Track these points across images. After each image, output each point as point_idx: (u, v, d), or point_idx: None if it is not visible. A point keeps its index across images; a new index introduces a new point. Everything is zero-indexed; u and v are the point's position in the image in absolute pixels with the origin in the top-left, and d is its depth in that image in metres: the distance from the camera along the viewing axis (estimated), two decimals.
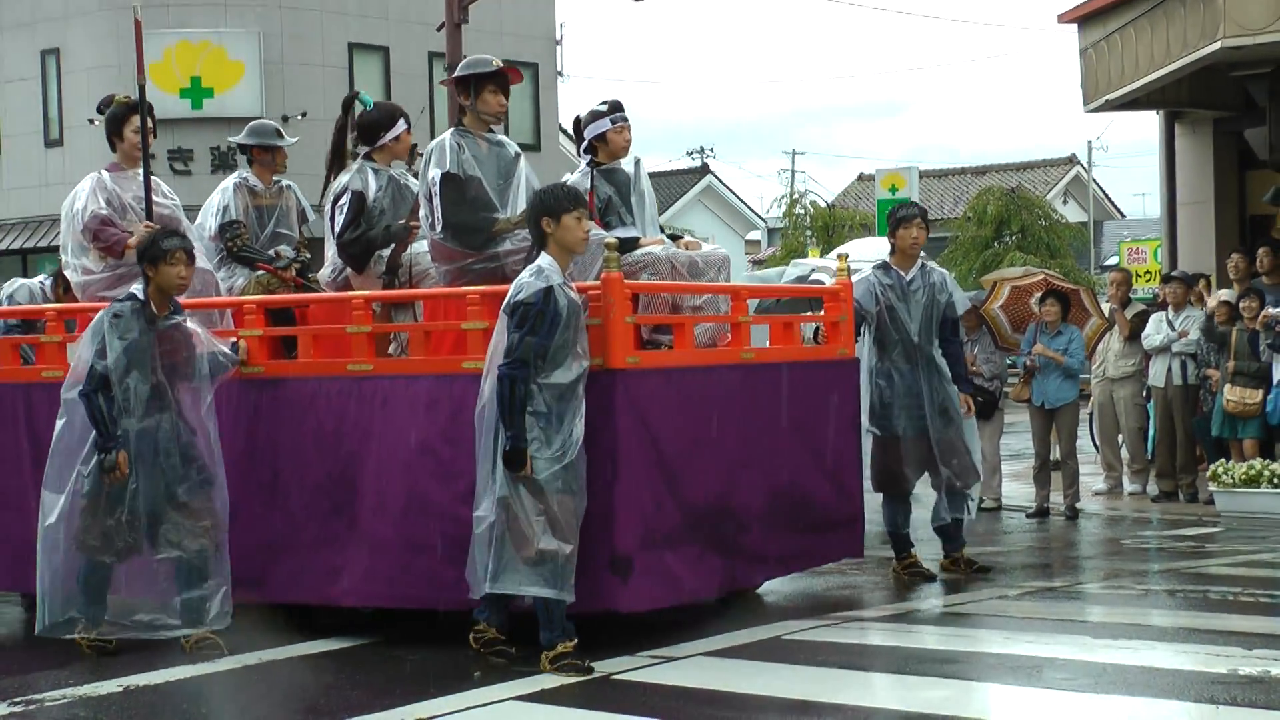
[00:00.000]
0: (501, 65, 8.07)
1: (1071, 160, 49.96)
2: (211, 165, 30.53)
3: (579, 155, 8.47)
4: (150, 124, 8.84)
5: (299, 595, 7.80)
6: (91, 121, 31.11)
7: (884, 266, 9.40)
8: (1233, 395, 12.69)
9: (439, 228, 7.78)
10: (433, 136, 31.33)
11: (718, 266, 8.21)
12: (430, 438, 7.44)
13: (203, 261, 8.46)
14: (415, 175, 9.23)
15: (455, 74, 8.11)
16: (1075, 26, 21.17)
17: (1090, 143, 50.06)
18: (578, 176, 8.27)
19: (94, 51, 30.86)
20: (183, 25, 30.28)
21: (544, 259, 6.98)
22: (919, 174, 27.03)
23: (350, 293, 8.10)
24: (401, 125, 8.55)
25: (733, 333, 8.23)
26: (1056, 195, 47.63)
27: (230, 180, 9.09)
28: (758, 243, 51.38)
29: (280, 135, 9.26)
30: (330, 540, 7.67)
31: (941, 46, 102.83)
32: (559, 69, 35.10)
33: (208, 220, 9.00)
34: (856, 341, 9.03)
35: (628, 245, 7.81)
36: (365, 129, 8.55)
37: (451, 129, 8.09)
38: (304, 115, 30.69)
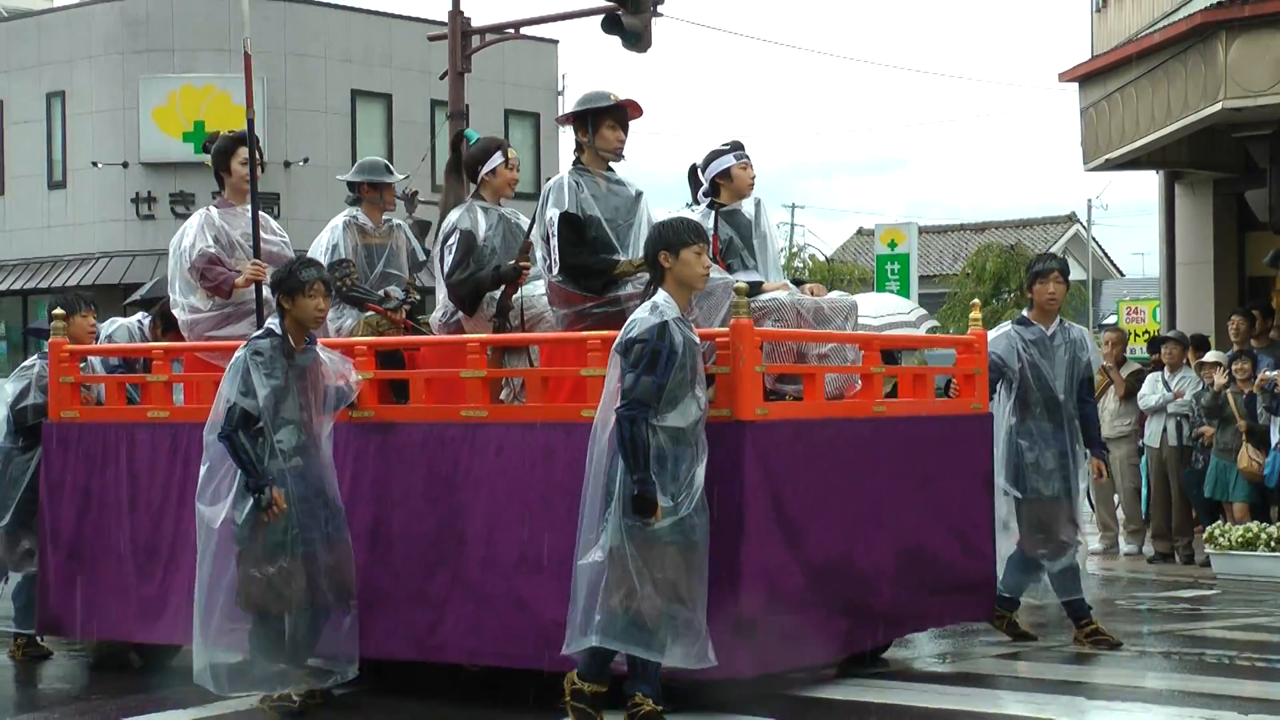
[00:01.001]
0: (620, 99, 7.67)
1: (1071, 218, 49.89)
2: None
3: (696, 201, 8.14)
4: (259, 156, 8.57)
5: (398, 650, 7.41)
6: (95, 164, 31.32)
7: (1023, 322, 8.91)
8: (1246, 457, 12.63)
9: (556, 270, 7.46)
10: (433, 184, 31.68)
11: (845, 314, 7.81)
12: (546, 489, 7.09)
13: None
14: (416, 223, 9.16)
15: (573, 110, 7.74)
16: (1076, 85, 21.21)
17: (1090, 201, 49.86)
18: (697, 219, 7.81)
19: (99, 95, 30.98)
20: (187, 70, 30.41)
21: (660, 295, 6.61)
22: (918, 230, 27.05)
23: (464, 336, 7.75)
24: (497, 158, 8.10)
25: (864, 385, 7.80)
26: (1056, 253, 47.75)
27: (340, 218, 8.76)
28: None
29: (389, 171, 8.95)
30: (435, 593, 7.31)
31: (942, 103, 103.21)
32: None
33: (318, 259, 8.59)
34: (991, 399, 8.59)
35: (750, 290, 7.35)
36: (467, 167, 8.24)
37: (570, 168, 7.76)
38: (306, 161, 30.75)
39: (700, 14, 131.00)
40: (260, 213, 8.42)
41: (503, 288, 7.88)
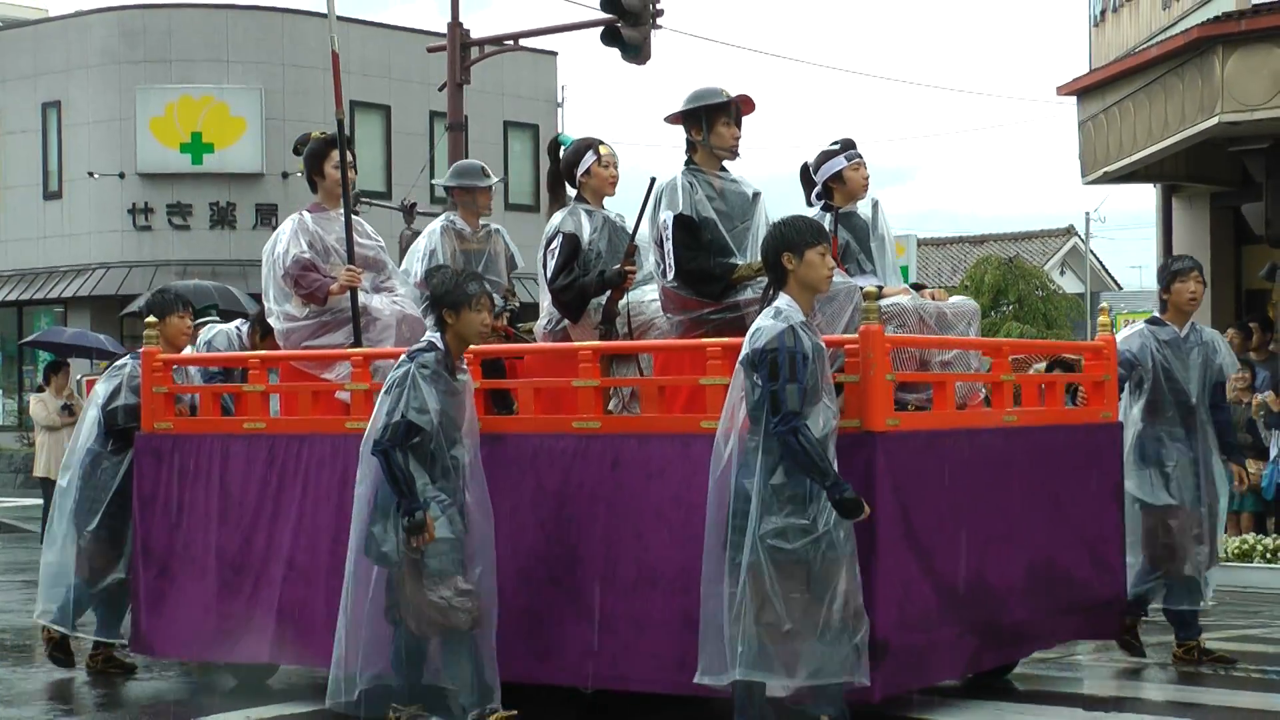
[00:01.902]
0: (734, 95, 7.35)
1: (1069, 231, 49.91)
2: (210, 221, 30.64)
3: (810, 203, 7.81)
4: (351, 159, 8.26)
5: (506, 672, 6.91)
6: (91, 175, 31.37)
7: (1156, 322, 8.50)
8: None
9: (672, 275, 7.12)
10: (431, 196, 31.73)
11: (968, 319, 7.53)
12: (664, 503, 6.74)
13: (412, 308, 7.93)
14: (415, 235, 9.03)
15: (684, 107, 7.36)
16: (1074, 99, 21.32)
17: (1088, 214, 49.92)
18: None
19: (96, 105, 30.99)
20: (185, 80, 30.43)
21: (782, 299, 6.24)
22: (917, 242, 27.12)
23: (576, 344, 7.40)
24: (589, 157, 7.78)
25: (994, 393, 7.51)
26: (1054, 266, 47.62)
27: (438, 223, 8.46)
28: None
29: (484, 175, 8.58)
30: (545, 611, 6.99)
31: (941, 116, 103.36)
32: (560, 131, 35.33)
33: (413, 265, 8.40)
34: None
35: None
36: (564, 172, 7.93)
37: (682, 168, 7.38)
38: (304, 173, 30.81)
39: (699, 26, 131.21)
40: (355, 216, 8.15)
41: (608, 293, 7.57)
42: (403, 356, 6.73)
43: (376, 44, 32.19)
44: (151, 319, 8.24)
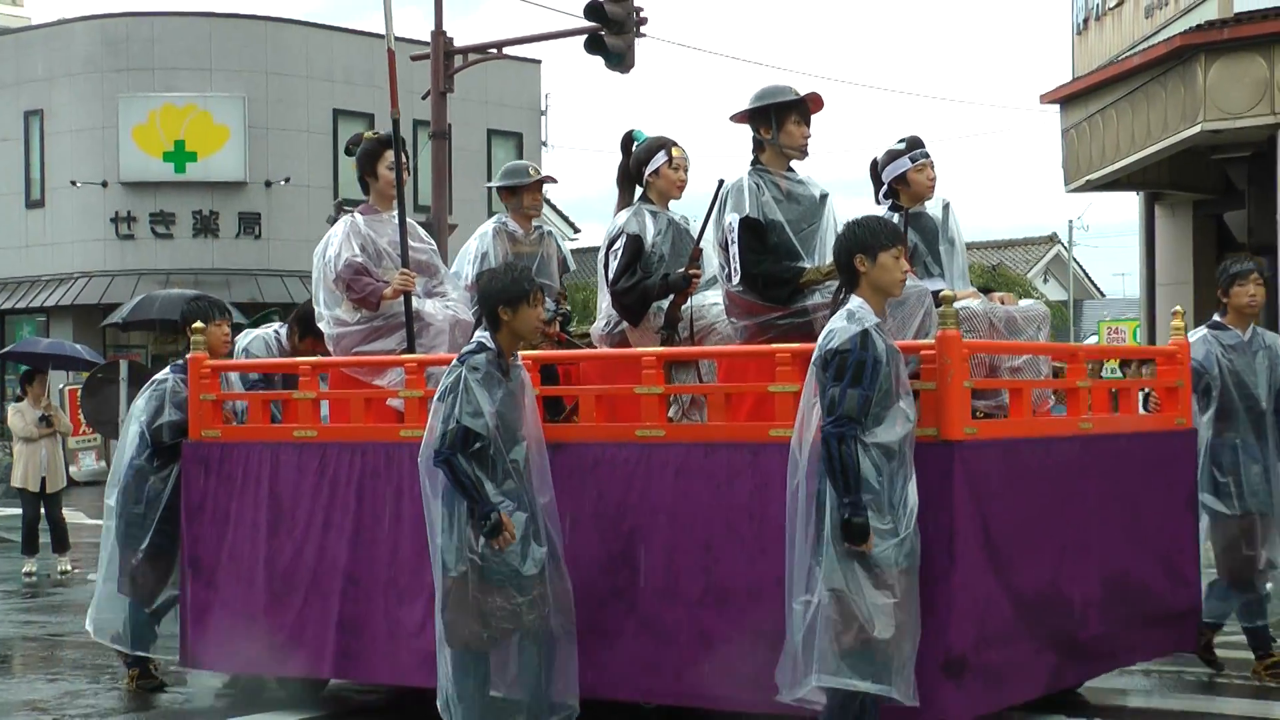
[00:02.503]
0: (804, 93, 7.11)
1: (1052, 239, 49.95)
2: (193, 230, 30.55)
3: (878, 200, 7.58)
4: (405, 160, 8.00)
5: None
6: (74, 183, 31.28)
7: (1218, 326, 8.25)
8: None
9: (738, 279, 6.90)
10: (415, 205, 31.63)
11: (1037, 324, 7.32)
12: (731, 514, 6.49)
13: (464, 314, 7.71)
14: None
15: (752, 105, 7.13)
16: (1057, 107, 21.37)
17: (1071, 222, 49.98)
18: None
19: (78, 113, 30.87)
20: (168, 89, 30.33)
21: (854, 301, 6.04)
22: None
23: (639, 349, 7.16)
24: (660, 157, 7.53)
25: (1069, 399, 7.25)
26: (1037, 274, 47.68)
27: (489, 225, 8.22)
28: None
29: (527, 173, 8.32)
30: (606, 624, 6.73)
31: (924, 124, 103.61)
32: (543, 139, 35.29)
33: (464, 268, 8.15)
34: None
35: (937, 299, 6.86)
36: (633, 168, 7.66)
37: (749, 169, 7.15)
38: (288, 180, 30.74)
39: (683, 35, 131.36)
40: (409, 219, 7.92)
41: (671, 297, 7.34)
42: (453, 360, 6.51)
43: (359, 51, 32.09)
44: (199, 325, 8.02)
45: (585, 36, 19.46)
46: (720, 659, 6.49)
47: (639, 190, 7.65)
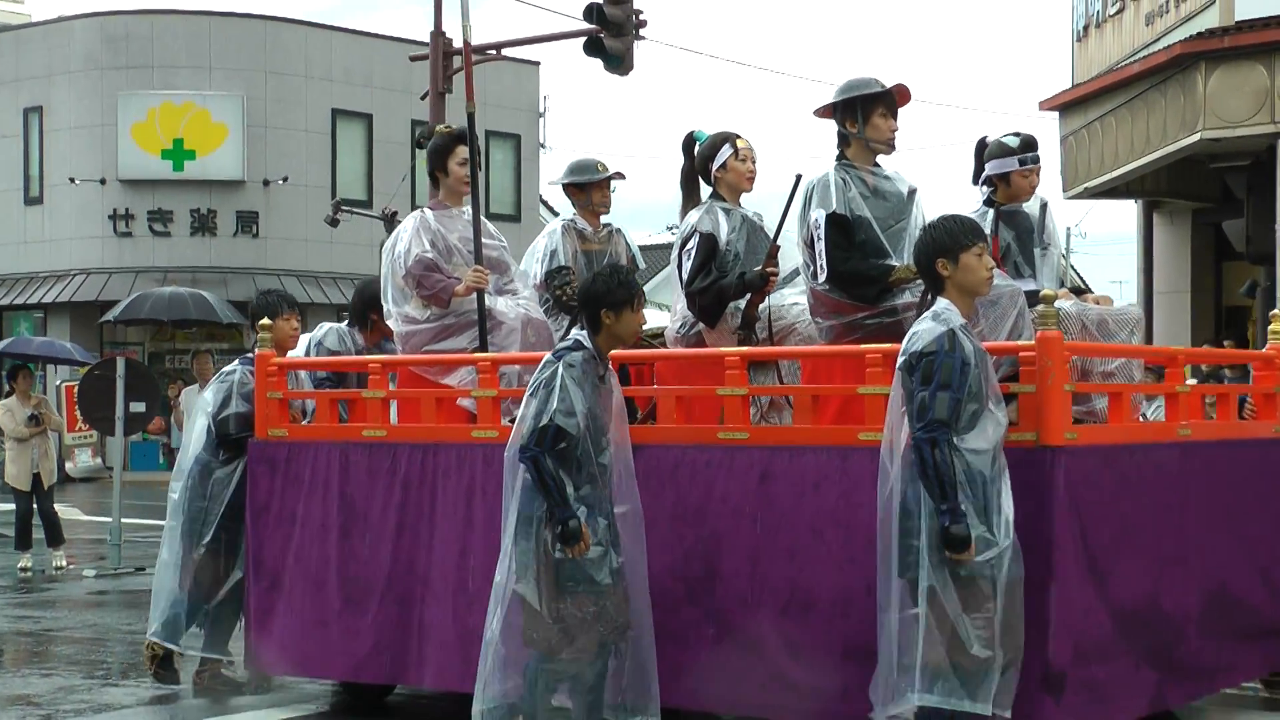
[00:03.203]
0: (890, 85, 6.90)
1: None
2: (191, 228, 30.51)
3: (976, 185, 7.37)
4: (478, 155, 7.79)
5: None
6: (73, 180, 31.23)
7: None
8: None
9: (824, 277, 6.66)
10: (412, 204, 31.57)
11: (1130, 327, 7.09)
12: (818, 520, 6.23)
13: (537, 311, 7.53)
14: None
15: (837, 97, 6.88)
16: (1056, 114, 21.37)
17: (1069, 229, 50.18)
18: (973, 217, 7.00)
19: (77, 110, 30.79)
20: (167, 87, 30.26)
21: (940, 303, 5.81)
22: None
23: (721, 349, 6.89)
24: (725, 151, 7.31)
25: (1168, 405, 7.00)
26: None
27: (558, 223, 8.01)
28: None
29: (595, 170, 8.05)
30: (683, 632, 6.48)
31: (924, 130, 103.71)
32: (541, 140, 35.26)
33: (533, 266, 7.93)
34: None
35: (1029, 300, 6.65)
36: (699, 167, 7.45)
37: (834, 163, 6.90)
38: (285, 180, 30.71)
39: (683, 38, 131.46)
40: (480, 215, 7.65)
41: (748, 296, 7.08)
42: (548, 356, 6.27)
43: (358, 52, 32.04)
44: (265, 322, 7.79)
45: (584, 39, 19.44)
46: (807, 671, 6.21)
47: (705, 191, 7.45)
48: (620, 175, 8.07)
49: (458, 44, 22.46)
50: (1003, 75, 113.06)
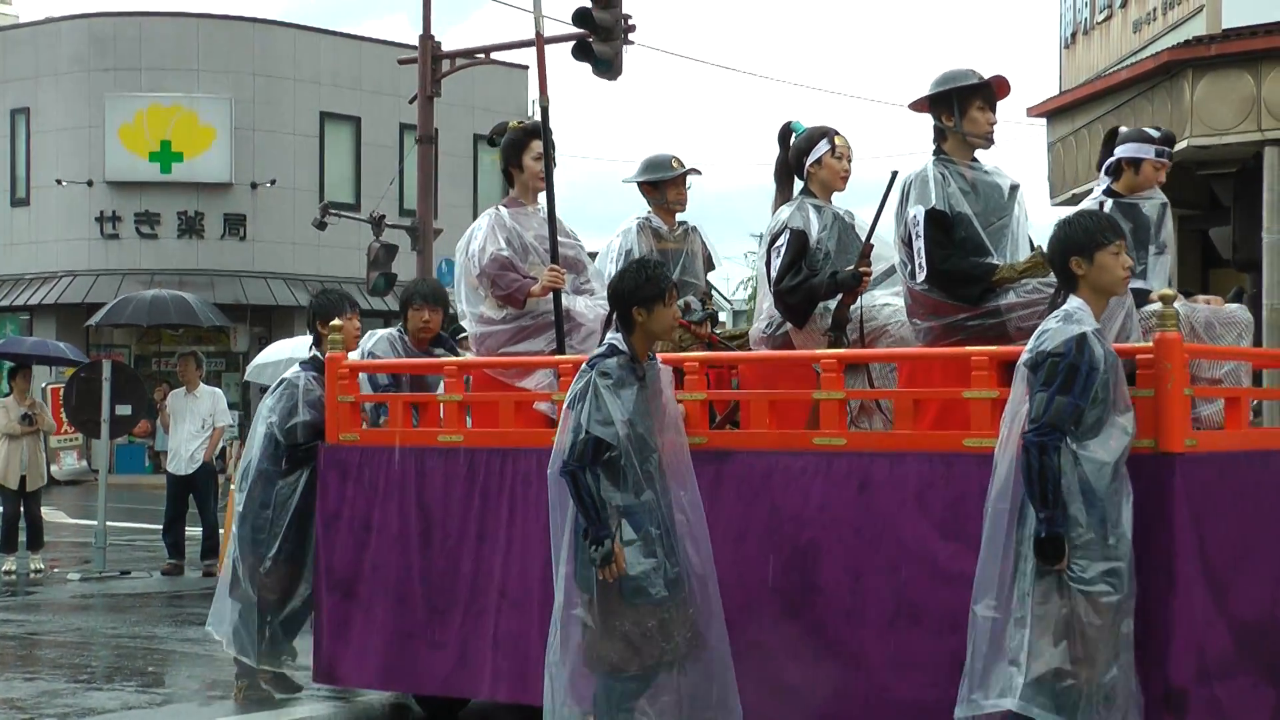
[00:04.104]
0: (988, 76, 6.62)
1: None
2: (178, 230, 30.47)
3: (1098, 168, 7.18)
4: (553, 150, 7.50)
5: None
6: (59, 182, 31.16)
7: None
8: None
9: (923, 276, 6.34)
10: (400, 208, 31.49)
11: (1238, 331, 6.83)
12: (922, 530, 5.94)
13: None
14: (384, 247, 8.51)
15: (933, 90, 6.61)
16: (1044, 120, 21.40)
17: None
18: (1088, 203, 6.83)
19: (64, 112, 30.70)
20: (155, 89, 30.20)
21: (1072, 302, 5.50)
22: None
23: (820, 351, 6.58)
24: (822, 146, 7.02)
25: None
26: None
27: (633, 221, 7.72)
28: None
29: (671, 166, 7.74)
30: (780, 647, 6.19)
31: (912, 135, 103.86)
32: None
33: (607, 266, 7.62)
34: None
35: (1136, 299, 6.47)
36: (793, 161, 7.15)
37: (931, 158, 6.63)
38: (273, 183, 30.68)
39: (672, 43, 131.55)
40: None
41: (839, 296, 6.78)
42: (583, 366, 6.02)
43: (347, 55, 31.99)
44: (337, 323, 7.49)
45: (573, 43, 19.46)
46: (916, 688, 5.92)
47: (798, 185, 7.14)
48: (696, 171, 7.80)
49: (447, 48, 22.50)
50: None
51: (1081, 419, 5.32)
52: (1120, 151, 6.99)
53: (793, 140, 7.13)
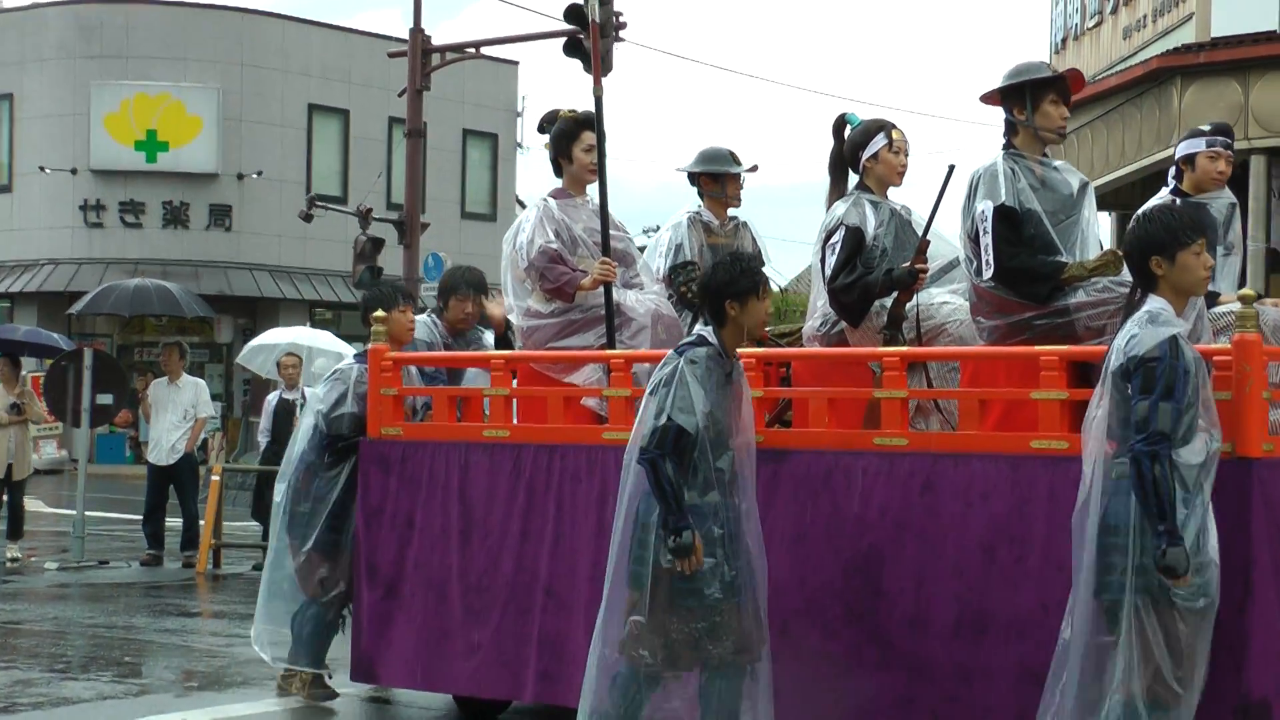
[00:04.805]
0: (1061, 70, 6.46)
1: None
2: (163, 220, 30.43)
3: (1169, 181, 6.97)
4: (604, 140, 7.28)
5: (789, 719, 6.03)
6: (43, 169, 31.11)
7: None
8: None
9: (990, 273, 6.19)
10: (388, 202, 31.50)
11: None
12: (987, 534, 5.75)
13: (667, 307, 7.09)
14: (370, 240, 8.38)
15: (1005, 83, 6.43)
16: None
17: None
18: (1153, 201, 6.65)
19: (49, 99, 30.56)
20: (142, 77, 30.10)
21: (1155, 302, 5.28)
22: None
23: (882, 349, 6.40)
24: (879, 140, 6.85)
25: None
26: None
27: (683, 214, 7.54)
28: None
29: (734, 161, 7.60)
30: (842, 654, 6.02)
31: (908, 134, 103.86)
32: (519, 140, 35.26)
33: (655, 260, 7.47)
34: None
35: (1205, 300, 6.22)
36: (848, 154, 6.99)
37: (1001, 152, 6.45)
38: (260, 174, 30.68)
39: (663, 40, 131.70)
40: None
41: (895, 294, 6.61)
42: (670, 352, 5.84)
43: (337, 48, 31.91)
44: (380, 314, 7.31)
45: (564, 39, 19.51)
46: (984, 696, 5.76)
47: (854, 179, 6.99)
48: (754, 168, 7.63)
49: (437, 42, 22.55)
50: (982, 86, 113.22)
51: (1181, 425, 5.11)
52: (1178, 153, 6.95)
53: (847, 133, 6.96)
